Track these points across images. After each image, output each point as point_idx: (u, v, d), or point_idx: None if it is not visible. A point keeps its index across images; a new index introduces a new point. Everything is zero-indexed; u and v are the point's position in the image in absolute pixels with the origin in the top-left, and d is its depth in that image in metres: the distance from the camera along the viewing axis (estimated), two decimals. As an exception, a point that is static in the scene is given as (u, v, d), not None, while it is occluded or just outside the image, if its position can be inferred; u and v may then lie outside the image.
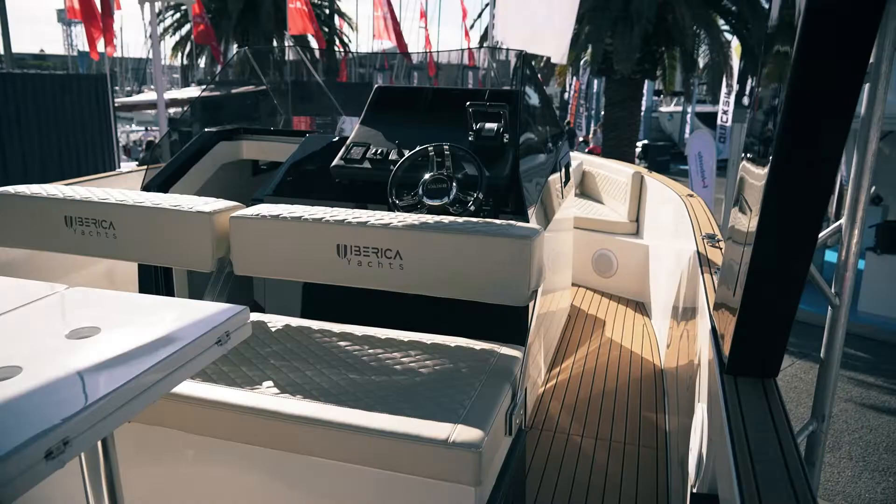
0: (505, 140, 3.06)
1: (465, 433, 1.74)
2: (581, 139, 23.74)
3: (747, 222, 1.52)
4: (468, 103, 3.06)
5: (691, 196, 3.97)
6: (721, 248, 2.80)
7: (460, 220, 2.27)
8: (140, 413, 1.41)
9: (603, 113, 19.52)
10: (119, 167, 12.40)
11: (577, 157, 6.07)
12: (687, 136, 22.28)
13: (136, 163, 17.58)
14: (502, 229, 2.16)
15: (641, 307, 4.79)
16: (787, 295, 1.49)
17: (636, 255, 4.90)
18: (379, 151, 3.14)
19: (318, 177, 3.24)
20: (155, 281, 3.29)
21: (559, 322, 4.16)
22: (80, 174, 11.36)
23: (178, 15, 21.92)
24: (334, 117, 5.14)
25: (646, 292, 4.78)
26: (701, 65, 15.18)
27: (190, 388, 1.91)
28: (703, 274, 2.46)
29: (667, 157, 23.02)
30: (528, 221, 2.84)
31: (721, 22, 14.50)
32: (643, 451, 2.99)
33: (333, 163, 3.14)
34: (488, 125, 3.08)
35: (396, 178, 2.86)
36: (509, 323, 2.79)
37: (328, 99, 5.61)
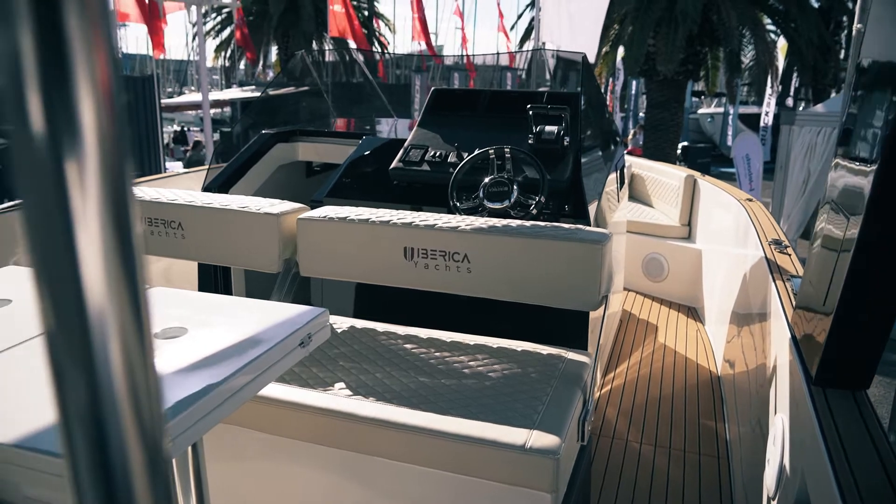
0: (565, 143, 3.03)
1: (541, 439, 1.73)
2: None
3: (844, 228, 1.48)
4: (529, 106, 3.04)
5: (750, 200, 3.88)
6: (790, 255, 2.73)
7: (528, 223, 2.25)
8: None
9: (642, 114, 19.28)
10: (164, 168, 12.62)
11: (625, 160, 6.00)
12: (729, 137, 21.87)
13: (181, 163, 17.92)
14: (572, 233, 2.14)
15: (694, 312, 4.71)
16: (887, 304, 1.44)
17: (688, 260, 4.81)
18: (437, 154, 3.13)
19: (376, 178, 3.25)
20: (214, 280, 3.34)
21: (612, 327, 4.11)
22: (128, 175, 11.62)
23: (220, 18, 22.29)
24: (372, 119, 5.14)
25: (698, 297, 4.70)
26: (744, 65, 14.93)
27: (266, 389, 1.93)
28: (774, 281, 2.40)
29: (707, 160, 22.63)
30: (589, 225, 2.81)
31: (766, 21, 14.23)
32: (704, 460, 2.93)
33: (392, 165, 3.14)
34: (549, 128, 3.05)
35: (457, 181, 2.85)
36: (572, 327, 2.76)
37: (369, 100, 5.63)
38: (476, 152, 2.87)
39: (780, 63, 14.95)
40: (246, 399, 1.33)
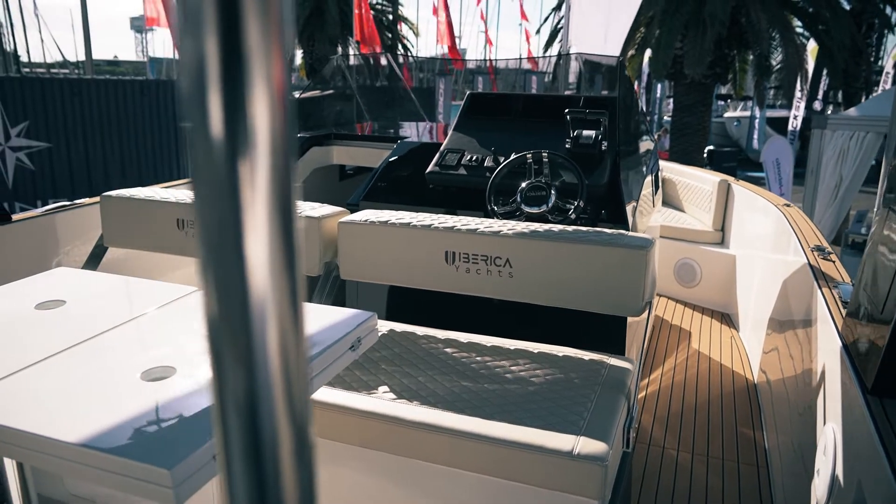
0: (603, 147, 3.01)
1: (589, 446, 1.72)
2: (644, 144, 23.22)
3: None
4: (567, 110, 3.03)
5: (788, 206, 3.83)
6: (834, 261, 2.68)
7: (569, 228, 2.24)
8: None
9: (667, 118, 19.12)
10: (192, 171, 12.75)
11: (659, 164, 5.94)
12: (755, 141, 21.60)
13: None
14: (616, 239, 2.12)
15: (727, 318, 4.65)
16: None
17: (722, 265, 4.76)
18: (474, 158, 3.13)
19: (411, 182, 3.26)
20: None
21: (648, 332, 4.08)
22: (158, 179, 11.78)
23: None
24: (397, 122, 5.15)
25: (732, 303, 4.64)
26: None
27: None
28: (820, 288, 2.36)
29: (733, 164, 22.36)
30: (628, 230, 2.79)
31: (796, 24, 14.04)
32: (744, 468, 2.89)
33: (429, 169, 3.15)
34: (586, 132, 3.04)
35: (495, 185, 2.85)
36: (609, 333, 2.74)
37: (400, 104, 5.65)
38: (513, 156, 2.87)
39: (810, 66, 14.73)
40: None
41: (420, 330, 2.40)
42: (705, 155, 16.74)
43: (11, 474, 1.55)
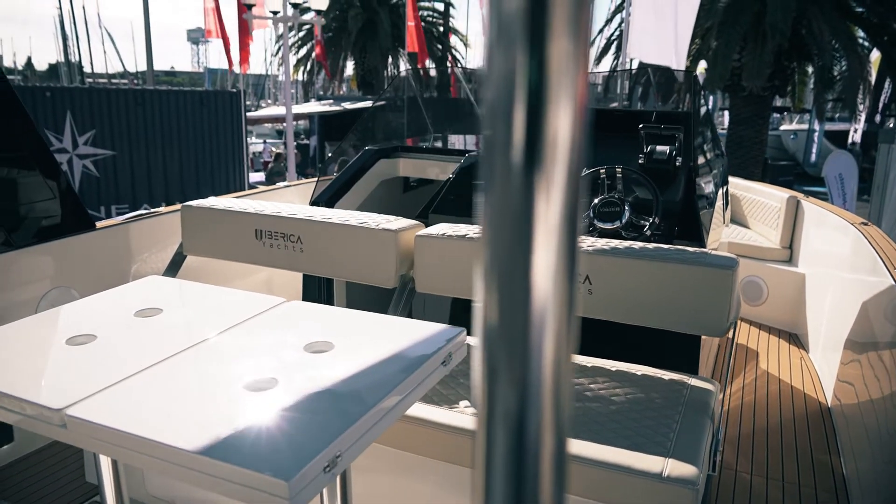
0: (677, 163, 2.96)
1: (678, 468, 1.68)
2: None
3: None
4: (641, 126, 2.99)
5: (866, 224, 3.70)
6: None
7: (650, 245, 2.21)
8: None
9: (721, 131, 18.75)
10: (248, 180, 13.02)
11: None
12: (814, 155, 21.01)
13: (260, 173, 18.50)
14: (699, 257, 2.08)
15: (795, 338, 4.51)
16: None
17: (790, 284, 4.63)
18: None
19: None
20: (318, 291, 3.41)
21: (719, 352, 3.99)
22: (214, 188, 12.06)
23: (300, 34, 22.97)
24: (441, 135, 5.14)
25: (801, 323, 4.51)
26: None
27: None
28: None
29: (789, 178, 21.80)
30: (704, 247, 2.74)
31: (858, 34, 13.64)
32: (822, 496, 2.79)
33: None
34: (660, 148, 3.00)
35: None
36: (685, 352, 2.69)
37: (458, 117, 5.67)
38: (586, 171, 2.84)
39: (872, 77, 14.27)
40: (397, 418, 1.35)
41: None
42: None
43: (106, 473, 1.59)
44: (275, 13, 10.47)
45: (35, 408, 1.24)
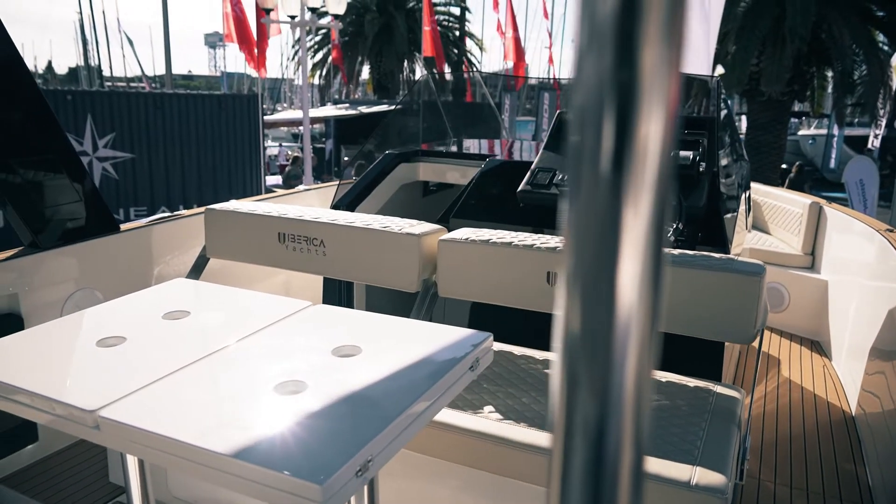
0: (700, 169, 2.94)
1: (706, 476, 1.67)
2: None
3: None
4: None
5: (891, 231, 3.65)
6: None
7: (675, 252, 2.20)
8: None
9: (742, 135, 18.62)
10: (265, 183, 13.08)
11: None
12: (832, 160, 20.80)
13: (276, 177, 18.60)
14: (726, 264, 2.07)
15: (817, 346, 4.46)
16: None
17: (812, 291, 4.58)
18: (566, 178, 3.10)
19: (501, 200, 3.25)
20: (339, 294, 3.41)
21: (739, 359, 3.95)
22: (232, 191, 12.13)
23: (317, 38, 23.09)
24: (457, 139, 5.14)
25: (823, 330, 4.45)
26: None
27: None
28: None
29: (808, 184, 21.61)
30: (728, 253, 2.71)
31: (879, 39, 13.49)
32: None
33: (520, 188, 3.14)
34: (683, 153, 2.97)
35: None
36: (707, 359, 2.66)
37: (476, 120, 5.67)
38: None
39: (893, 82, 14.11)
40: (426, 423, 1.34)
41: (517, 350, 2.38)
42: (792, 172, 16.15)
43: (133, 474, 1.60)
44: (292, 17, 10.53)
45: (67, 408, 1.25)
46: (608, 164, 0.34)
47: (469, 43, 25.61)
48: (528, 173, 3.19)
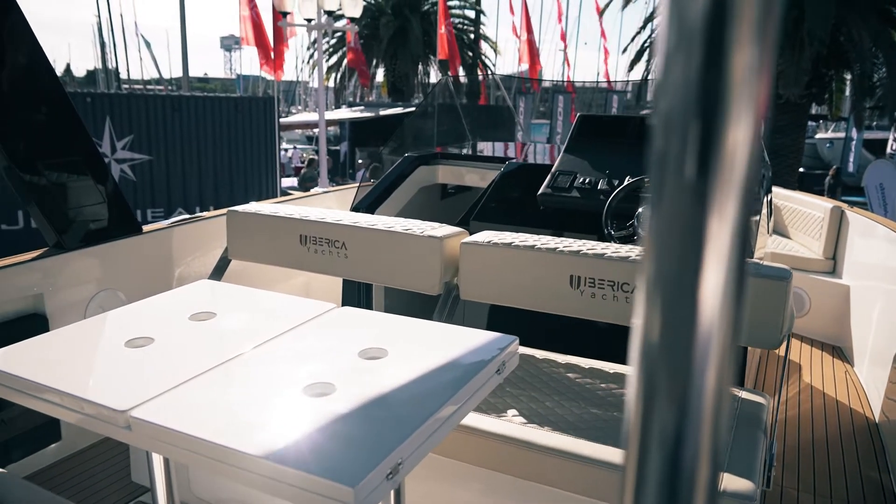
0: None
1: (734, 483, 1.65)
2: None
3: None
4: None
5: None
6: None
7: None
8: None
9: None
10: (280, 185, 13.13)
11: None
12: (851, 164, 20.60)
13: (291, 179, 18.70)
14: (752, 268, 2.05)
15: (839, 351, 4.41)
16: None
17: (833, 295, 4.53)
18: (586, 181, 3.10)
19: (521, 203, 3.25)
20: (358, 296, 3.42)
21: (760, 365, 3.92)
22: (248, 193, 12.20)
23: (333, 41, 23.20)
24: (474, 142, 5.13)
25: (845, 336, 4.41)
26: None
27: None
28: None
29: (823, 187, 21.41)
30: (752, 257, 2.69)
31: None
32: None
33: (540, 190, 3.13)
34: None
35: (612, 209, 2.80)
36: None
37: (491, 123, 5.66)
38: (632, 180, 2.82)
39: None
40: (454, 426, 1.34)
41: (539, 353, 2.38)
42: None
43: (159, 474, 1.61)
44: (309, 20, 10.58)
45: (98, 408, 1.26)
46: (693, 169, 0.33)
47: (483, 45, 25.64)
48: (549, 176, 3.18)
